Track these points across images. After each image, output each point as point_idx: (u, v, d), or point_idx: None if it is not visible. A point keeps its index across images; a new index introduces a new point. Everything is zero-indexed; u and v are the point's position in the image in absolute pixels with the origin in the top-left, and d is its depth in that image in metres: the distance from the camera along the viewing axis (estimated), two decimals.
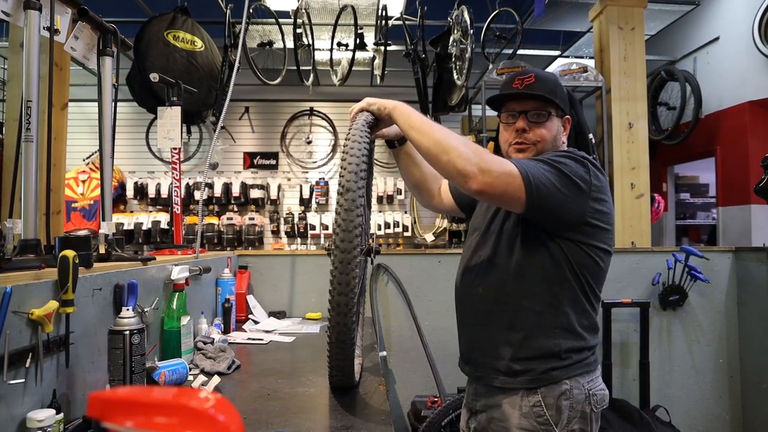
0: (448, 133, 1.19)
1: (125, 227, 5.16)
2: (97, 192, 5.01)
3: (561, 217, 1.24)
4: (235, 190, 5.55)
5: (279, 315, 2.72)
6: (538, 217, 1.24)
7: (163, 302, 1.74)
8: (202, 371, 1.63)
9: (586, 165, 1.25)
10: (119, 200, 5.52)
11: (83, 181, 5.12)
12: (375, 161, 5.69)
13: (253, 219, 5.48)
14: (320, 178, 5.82)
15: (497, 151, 1.48)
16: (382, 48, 4.12)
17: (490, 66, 4.21)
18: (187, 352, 1.71)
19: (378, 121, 1.39)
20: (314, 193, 5.74)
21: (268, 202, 5.65)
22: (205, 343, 1.80)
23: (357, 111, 1.36)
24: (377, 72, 4.43)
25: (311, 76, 4.29)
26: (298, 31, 3.97)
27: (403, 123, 1.28)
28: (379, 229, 5.65)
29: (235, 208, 5.65)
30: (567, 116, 1.41)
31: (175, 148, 2.46)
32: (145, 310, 1.50)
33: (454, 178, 1.16)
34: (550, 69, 5.08)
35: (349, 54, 4.10)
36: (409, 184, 1.71)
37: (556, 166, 1.21)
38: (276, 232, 5.71)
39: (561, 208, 1.22)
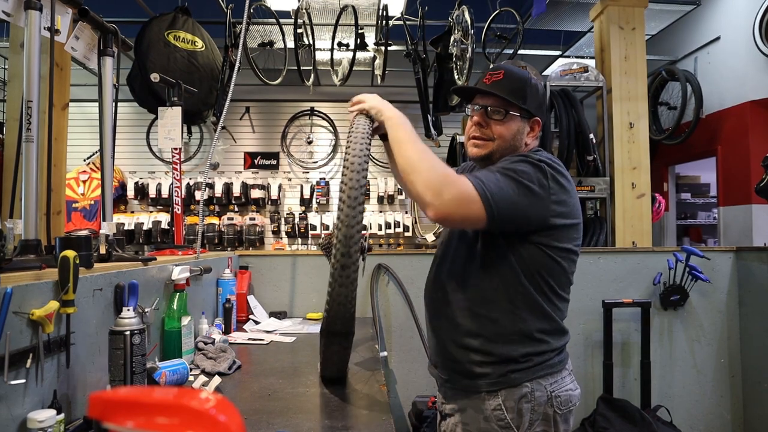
0: (422, 154, 1.21)
1: (126, 227, 5.16)
2: (98, 192, 5.02)
3: (522, 226, 1.26)
4: (236, 190, 5.54)
5: (280, 315, 2.71)
6: (499, 230, 1.26)
7: (164, 302, 1.74)
8: (203, 371, 1.63)
9: (543, 169, 1.25)
10: (120, 200, 5.51)
11: (84, 181, 5.12)
12: (376, 162, 5.70)
13: (253, 219, 5.48)
14: (321, 178, 5.82)
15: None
16: (383, 48, 4.12)
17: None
18: (187, 352, 1.71)
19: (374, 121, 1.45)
20: (315, 193, 5.73)
21: (269, 202, 5.65)
22: (205, 344, 1.80)
23: (356, 110, 1.41)
24: (378, 72, 4.42)
25: (312, 76, 4.30)
26: (299, 31, 3.97)
27: (391, 135, 1.32)
28: (380, 229, 5.64)
29: (236, 208, 5.65)
30: (536, 118, 1.39)
31: (175, 148, 2.46)
32: (146, 310, 1.50)
33: (415, 200, 1.21)
34: (551, 69, 5.08)
35: (350, 54, 4.10)
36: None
37: (512, 176, 1.21)
38: (277, 232, 5.71)
39: (522, 218, 1.24)
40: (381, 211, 5.78)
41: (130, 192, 5.47)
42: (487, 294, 1.31)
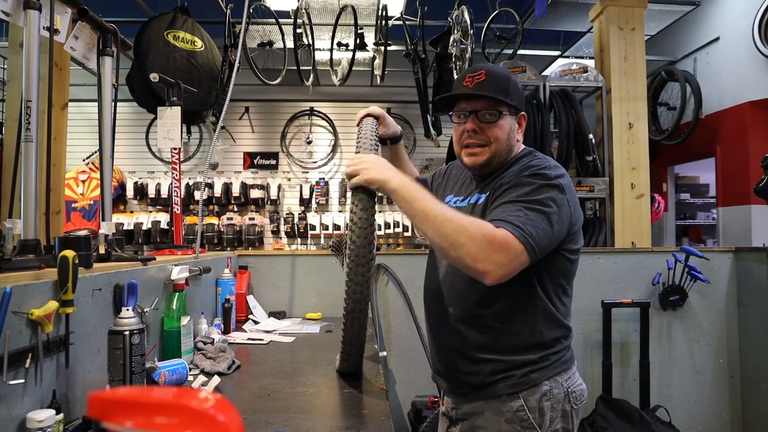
0: (452, 224, 1.13)
1: (125, 227, 5.16)
2: (97, 192, 5.01)
3: (553, 248, 1.24)
4: (235, 190, 5.54)
5: (279, 315, 2.71)
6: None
7: (163, 302, 1.74)
8: (202, 371, 1.63)
9: (560, 186, 1.23)
10: (119, 200, 5.51)
11: (83, 181, 5.12)
12: None
13: (253, 219, 5.48)
14: (320, 178, 5.82)
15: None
16: (382, 48, 4.12)
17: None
18: (187, 352, 1.71)
19: (380, 123, 1.49)
20: (314, 193, 5.73)
21: (268, 202, 5.65)
22: (205, 344, 1.80)
23: (354, 184, 1.27)
24: (377, 72, 4.43)
25: (311, 76, 4.29)
26: (298, 31, 3.97)
27: (407, 211, 1.21)
28: (380, 229, 5.64)
29: (235, 208, 5.65)
30: (522, 113, 1.38)
31: (175, 148, 2.46)
32: (145, 310, 1.50)
33: (467, 271, 1.15)
34: (551, 69, 5.09)
35: (349, 54, 4.10)
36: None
37: (541, 210, 1.18)
38: (276, 232, 5.71)
39: (554, 244, 1.23)
40: (380, 211, 5.78)
41: (130, 192, 5.46)
42: (504, 308, 1.28)
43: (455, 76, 3.95)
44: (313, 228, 5.60)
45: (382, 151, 1.68)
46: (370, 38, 4.36)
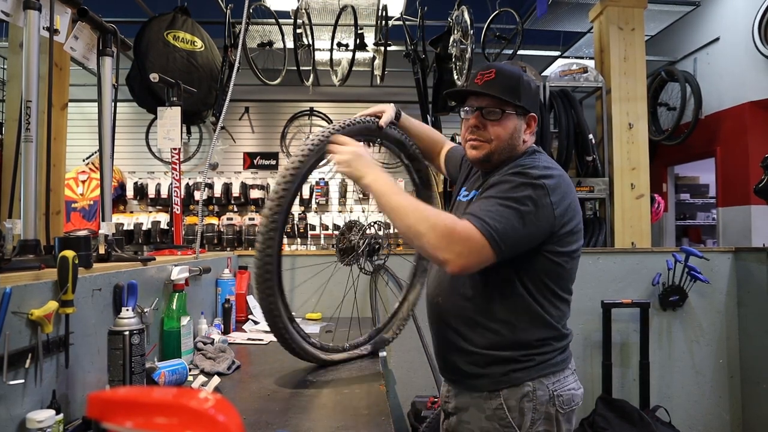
0: (417, 214, 1.20)
1: (125, 227, 5.16)
2: (97, 192, 5.01)
3: (529, 247, 1.24)
4: (235, 191, 5.54)
5: None
6: (509, 258, 1.22)
7: (163, 303, 1.74)
8: (202, 371, 1.63)
9: (544, 186, 1.22)
10: (119, 200, 5.51)
11: (83, 182, 5.12)
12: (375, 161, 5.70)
13: (253, 219, 5.47)
14: (320, 179, 5.81)
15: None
16: (382, 48, 4.12)
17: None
18: (186, 352, 1.71)
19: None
20: (314, 194, 5.73)
21: None
22: (204, 344, 1.80)
23: (336, 162, 1.40)
24: (377, 72, 4.43)
25: (311, 76, 4.29)
26: (298, 31, 3.97)
27: (378, 202, 1.32)
28: (380, 229, 5.63)
29: (235, 209, 5.65)
30: (531, 114, 1.37)
31: (174, 149, 2.46)
32: (145, 310, 1.50)
33: (430, 259, 1.23)
34: (551, 69, 5.09)
35: (349, 54, 4.10)
36: None
37: (514, 207, 1.19)
38: None
39: (527, 244, 1.23)
40: (380, 211, 5.78)
41: (129, 192, 5.46)
42: (487, 304, 1.30)
43: (455, 77, 3.95)
44: (313, 228, 5.60)
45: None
46: (370, 38, 4.36)
